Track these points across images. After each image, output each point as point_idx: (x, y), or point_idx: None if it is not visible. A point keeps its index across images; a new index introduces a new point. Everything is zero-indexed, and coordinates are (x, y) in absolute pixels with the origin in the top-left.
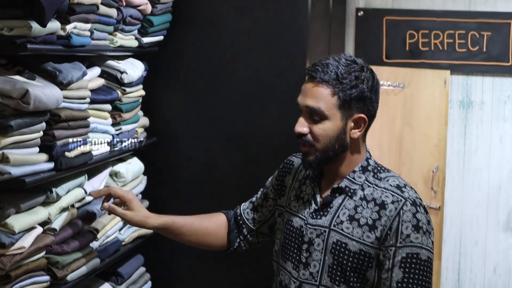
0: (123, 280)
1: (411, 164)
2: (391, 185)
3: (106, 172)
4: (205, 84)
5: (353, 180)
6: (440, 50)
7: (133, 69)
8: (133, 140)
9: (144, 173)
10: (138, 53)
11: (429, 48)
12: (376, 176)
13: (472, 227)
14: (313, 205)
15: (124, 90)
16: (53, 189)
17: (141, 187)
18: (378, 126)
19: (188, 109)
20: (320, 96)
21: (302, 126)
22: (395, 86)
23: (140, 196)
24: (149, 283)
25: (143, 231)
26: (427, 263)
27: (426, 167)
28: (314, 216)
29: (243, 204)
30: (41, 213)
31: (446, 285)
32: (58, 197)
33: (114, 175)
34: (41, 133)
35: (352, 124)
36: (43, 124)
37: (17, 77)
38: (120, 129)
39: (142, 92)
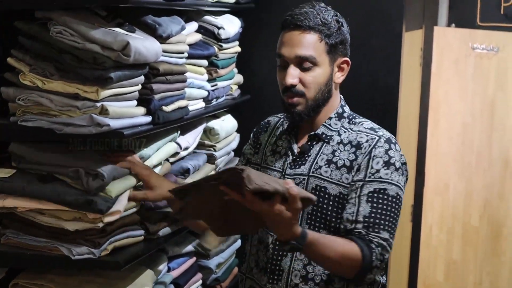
0: None
1: (503, 129)
2: (365, 128)
3: (201, 128)
4: None
5: (329, 126)
6: None
7: (230, 25)
8: (227, 97)
9: (237, 131)
10: (235, 9)
11: None
12: (351, 122)
13: None
14: (290, 156)
15: (221, 46)
16: (143, 149)
17: (234, 144)
18: (471, 90)
19: None
20: (309, 43)
21: (293, 77)
22: (489, 50)
23: (232, 153)
24: (239, 241)
25: None
26: (395, 200)
27: None
28: (292, 166)
29: None
30: (131, 179)
31: None
32: (148, 155)
33: (208, 131)
34: (140, 86)
35: (337, 68)
36: (142, 77)
37: (118, 29)
38: (216, 85)
39: (238, 49)
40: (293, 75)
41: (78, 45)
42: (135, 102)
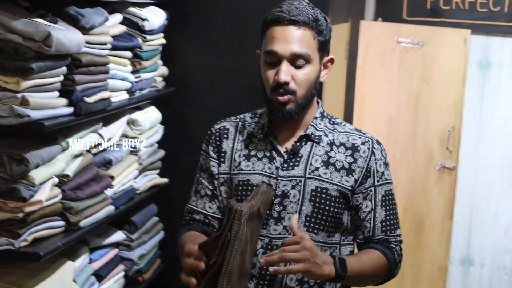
0: (136, 228)
1: (427, 122)
2: (351, 129)
3: (124, 119)
4: (224, 35)
5: (316, 126)
6: (461, 9)
7: (154, 17)
8: (151, 89)
9: (161, 123)
10: (160, 1)
11: (450, 7)
12: (331, 121)
13: (485, 188)
14: (278, 158)
15: (145, 38)
16: (64, 138)
17: (158, 136)
18: (396, 83)
19: (207, 59)
20: (304, 40)
21: (286, 74)
22: (414, 44)
23: (156, 145)
24: (162, 232)
25: (158, 180)
26: (394, 195)
27: (442, 126)
28: (285, 168)
29: (193, 205)
30: (58, 165)
31: (456, 245)
32: (69, 145)
33: (131, 123)
34: (62, 77)
35: (322, 67)
36: (64, 68)
37: (40, 20)
38: (139, 77)
39: (163, 41)
40: (286, 72)
41: None
42: (57, 93)
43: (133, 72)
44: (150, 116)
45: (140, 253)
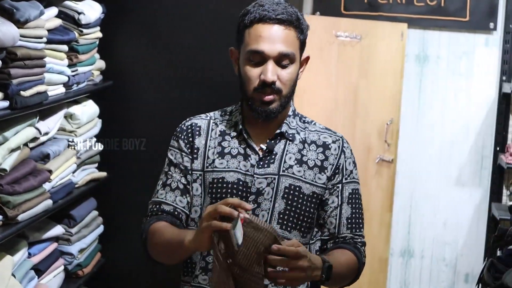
0: (75, 223)
1: (366, 116)
2: (321, 128)
3: (61, 113)
4: (161, 28)
5: (289, 124)
6: (398, 3)
7: (91, 10)
8: (88, 82)
9: (99, 116)
10: None
11: (387, 1)
12: (302, 120)
13: (423, 181)
14: (253, 155)
15: (81, 31)
16: (1, 131)
17: (96, 130)
18: (334, 77)
19: (144, 53)
20: (290, 40)
21: (274, 74)
22: (352, 38)
23: (94, 139)
24: (101, 226)
25: (96, 174)
26: (361, 196)
27: (381, 119)
28: (261, 166)
29: (161, 198)
30: None
31: (396, 238)
32: (5, 139)
33: (69, 116)
34: None
35: (300, 65)
36: None
37: None
38: (76, 70)
39: (99, 34)
40: (273, 71)
41: None
42: None
43: (69, 66)
44: (88, 109)
45: (80, 247)
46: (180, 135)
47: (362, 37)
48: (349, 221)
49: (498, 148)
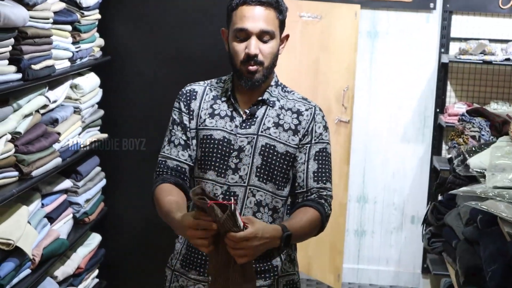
0: (81, 177)
1: (326, 84)
2: (298, 97)
3: (67, 84)
4: (152, 11)
5: (271, 93)
6: None
7: None
8: (90, 57)
9: (100, 86)
10: None
11: None
12: (283, 90)
13: (375, 138)
14: (238, 118)
15: (83, 14)
16: (15, 100)
17: (97, 98)
18: (299, 51)
19: (137, 32)
20: (270, 19)
21: (256, 48)
22: (314, 18)
23: (96, 106)
24: (104, 180)
25: (98, 136)
26: (330, 155)
27: (338, 86)
28: (243, 127)
29: (167, 153)
30: (10, 123)
31: (352, 186)
32: (19, 106)
33: (74, 87)
34: (10, 47)
35: (280, 42)
36: (12, 40)
37: None
38: (79, 47)
39: (98, 16)
40: (256, 46)
41: None
42: (6, 62)
43: (73, 43)
44: (90, 81)
45: (86, 198)
46: (181, 98)
47: (322, 17)
48: (315, 174)
49: (438, 110)
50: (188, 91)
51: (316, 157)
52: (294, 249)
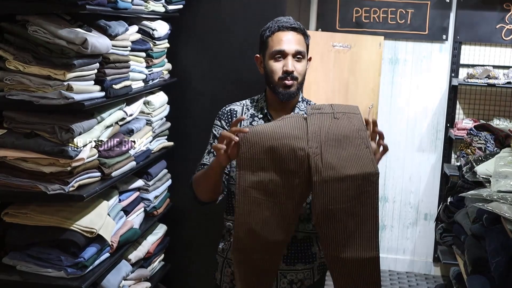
0: (151, 177)
1: (354, 102)
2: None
3: (141, 100)
4: (212, 40)
5: (299, 108)
6: (377, 22)
7: (161, 27)
8: (160, 79)
9: (168, 103)
10: (165, 16)
11: (369, 20)
12: (307, 103)
13: (395, 148)
14: None
15: (155, 43)
16: (99, 114)
17: (165, 112)
18: (332, 75)
19: (199, 58)
20: (301, 42)
21: (292, 66)
22: (344, 47)
23: (164, 119)
24: (170, 180)
25: (166, 144)
26: None
27: (365, 104)
28: None
29: (206, 162)
30: (95, 133)
31: None
32: (102, 119)
33: (146, 103)
34: (96, 70)
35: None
36: (97, 64)
37: (78, 29)
38: (151, 70)
39: (167, 45)
40: (292, 64)
41: (49, 40)
42: (92, 82)
43: (147, 67)
44: (160, 98)
45: (155, 195)
46: (222, 117)
47: (351, 46)
48: None
49: (448, 125)
50: (228, 110)
51: None
52: None
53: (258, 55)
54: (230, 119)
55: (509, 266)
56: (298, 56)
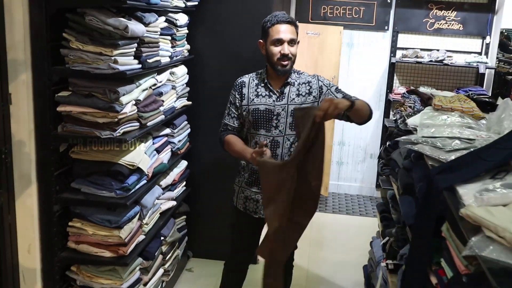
0: (176, 127)
1: (321, 73)
2: (306, 75)
3: (168, 71)
4: (220, 28)
5: (291, 77)
6: (338, 16)
7: (182, 18)
8: (181, 56)
9: (187, 73)
10: (184, 9)
11: (333, 15)
12: (297, 73)
13: None
14: (273, 95)
15: (177, 29)
16: (137, 80)
17: (185, 80)
18: (305, 54)
19: (210, 41)
20: (293, 32)
21: (288, 50)
22: (315, 34)
23: (184, 85)
24: (189, 129)
25: (186, 102)
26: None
27: (329, 75)
28: (278, 100)
29: (226, 121)
30: (134, 94)
31: (336, 134)
32: (140, 84)
33: (171, 73)
34: (134, 49)
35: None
36: (135, 44)
37: (122, 19)
38: (175, 50)
39: (186, 31)
40: (288, 49)
41: (100, 26)
42: (132, 57)
43: (172, 47)
44: (181, 70)
45: (178, 139)
46: (235, 87)
47: (319, 33)
48: (345, 97)
49: (388, 91)
50: (239, 82)
51: (338, 91)
52: None
53: (261, 41)
54: (240, 89)
55: (428, 189)
56: (292, 42)
